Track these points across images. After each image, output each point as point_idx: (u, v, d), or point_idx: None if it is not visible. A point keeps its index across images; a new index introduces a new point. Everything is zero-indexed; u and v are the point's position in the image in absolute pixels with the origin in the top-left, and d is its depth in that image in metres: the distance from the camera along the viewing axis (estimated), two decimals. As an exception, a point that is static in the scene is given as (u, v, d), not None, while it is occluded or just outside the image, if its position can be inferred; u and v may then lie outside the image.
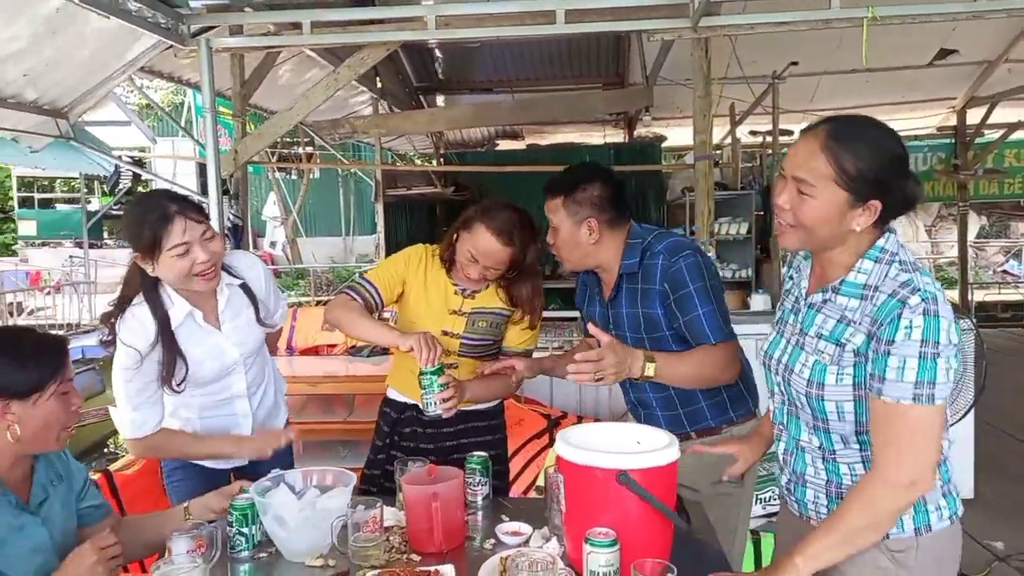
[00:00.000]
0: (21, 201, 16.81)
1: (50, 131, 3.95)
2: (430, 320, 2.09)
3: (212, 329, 1.97)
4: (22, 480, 1.54)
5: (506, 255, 2.01)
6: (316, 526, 1.62)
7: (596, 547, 1.38)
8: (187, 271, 1.83)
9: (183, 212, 1.81)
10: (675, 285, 1.89)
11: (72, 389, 1.56)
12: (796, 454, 1.53)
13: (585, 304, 2.18)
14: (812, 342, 1.43)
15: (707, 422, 2.02)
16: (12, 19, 3.14)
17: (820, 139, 1.35)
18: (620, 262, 1.98)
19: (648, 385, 2.01)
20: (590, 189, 1.95)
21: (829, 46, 5.96)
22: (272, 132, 4.26)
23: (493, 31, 3.85)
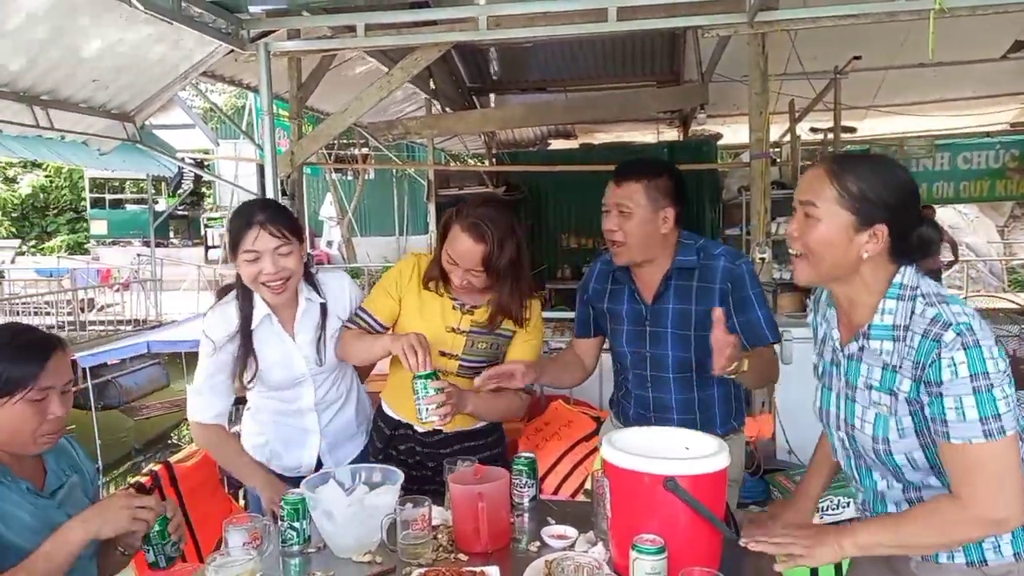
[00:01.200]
0: (93, 202, 17.58)
1: (118, 134, 4.12)
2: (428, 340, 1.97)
3: (286, 337, 2.03)
4: (34, 469, 1.55)
5: (479, 253, 1.88)
6: (363, 523, 1.64)
7: (643, 554, 1.36)
8: (253, 277, 1.92)
9: (264, 223, 1.89)
10: (737, 286, 1.93)
11: (53, 396, 1.48)
12: (878, 501, 1.47)
13: (605, 300, 2.09)
14: (864, 395, 1.41)
15: (716, 430, 1.98)
16: (86, 28, 3.28)
17: (825, 165, 1.39)
18: (673, 258, 1.96)
19: (674, 386, 2.01)
20: (668, 180, 1.95)
21: (894, 39, 5.74)
22: (327, 133, 4.34)
23: (544, 30, 3.83)
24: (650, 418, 2.04)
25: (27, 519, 1.47)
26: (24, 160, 16.07)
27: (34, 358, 1.46)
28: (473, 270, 1.90)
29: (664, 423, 2.00)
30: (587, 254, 10.38)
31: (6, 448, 1.49)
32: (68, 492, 1.59)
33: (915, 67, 6.68)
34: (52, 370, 1.48)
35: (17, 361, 1.45)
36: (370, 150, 9.12)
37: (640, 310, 2.02)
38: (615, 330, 2.09)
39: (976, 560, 1.37)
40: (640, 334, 2.02)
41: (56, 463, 1.60)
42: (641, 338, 2.02)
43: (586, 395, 4.00)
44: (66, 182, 19.14)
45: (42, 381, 1.46)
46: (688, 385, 2.00)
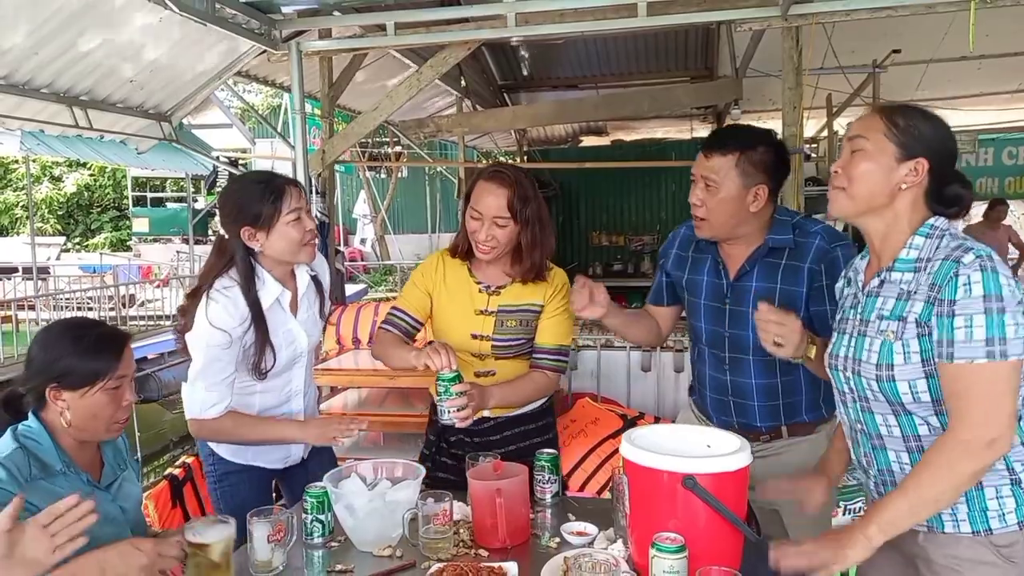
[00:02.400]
0: (135, 200, 17.98)
1: (154, 134, 4.21)
2: (458, 325, 2.03)
3: (290, 315, 2.03)
4: (92, 461, 1.62)
5: (503, 197, 1.90)
6: (384, 517, 1.65)
7: (662, 552, 1.34)
8: (299, 239, 1.90)
9: (291, 183, 1.94)
10: (832, 271, 1.78)
11: (126, 385, 1.59)
12: (876, 452, 1.50)
13: (686, 271, 2.00)
14: (874, 325, 1.44)
15: (802, 417, 1.92)
16: (119, 29, 3.36)
17: (875, 109, 1.49)
18: (766, 235, 1.84)
19: (754, 370, 1.89)
20: (767, 153, 1.80)
21: (935, 32, 5.59)
22: (357, 132, 4.38)
23: (573, 26, 3.81)
24: (728, 403, 1.94)
25: None
26: (68, 159, 16.55)
27: (112, 350, 1.57)
28: (498, 218, 1.91)
29: (743, 409, 1.93)
30: (618, 251, 10.33)
31: (82, 435, 1.57)
32: (120, 486, 1.66)
33: (957, 60, 6.50)
34: (126, 360, 1.59)
35: (97, 354, 1.55)
36: (403, 149, 9.19)
37: (721, 286, 1.91)
38: (692, 303, 1.99)
39: (982, 529, 1.38)
40: (719, 312, 1.92)
41: (113, 457, 1.68)
42: (720, 316, 1.92)
43: (613, 393, 3.99)
44: (110, 181, 19.64)
45: (119, 370, 1.56)
46: (770, 369, 1.87)
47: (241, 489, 2.05)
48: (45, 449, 1.51)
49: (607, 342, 4.12)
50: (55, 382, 1.52)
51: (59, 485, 1.49)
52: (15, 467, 1.44)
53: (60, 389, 1.52)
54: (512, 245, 1.98)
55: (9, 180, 19.09)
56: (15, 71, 3.30)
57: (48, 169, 19.33)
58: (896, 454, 1.46)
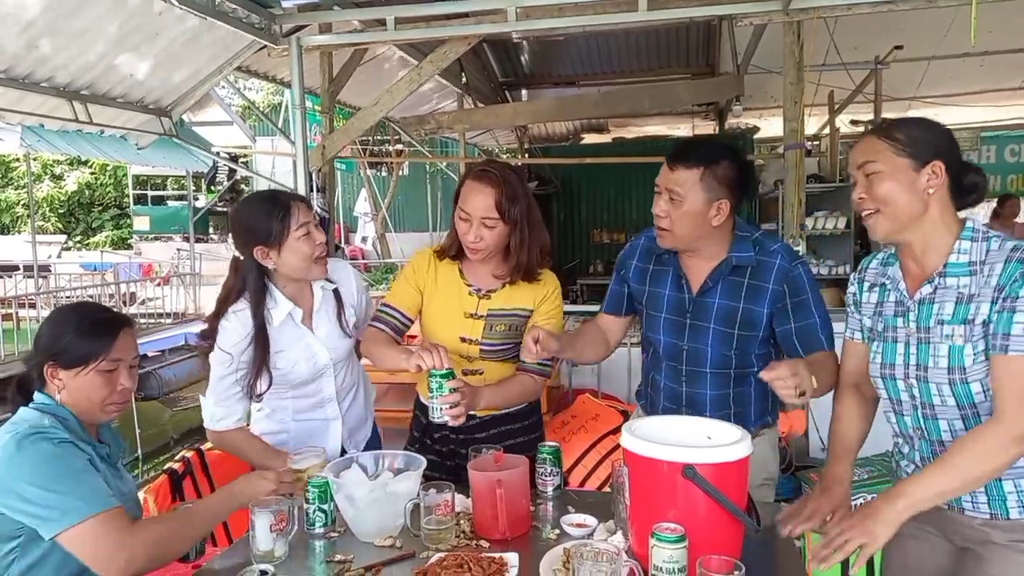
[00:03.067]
0: (136, 198, 18.00)
1: (154, 129, 4.20)
2: (447, 326, 2.02)
3: (306, 330, 2.03)
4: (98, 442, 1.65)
5: (491, 197, 1.88)
6: (385, 508, 1.65)
7: (662, 542, 1.34)
8: (310, 254, 1.92)
9: (297, 199, 1.97)
10: (794, 289, 1.83)
11: (122, 369, 1.61)
12: (927, 425, 1.51)
13: (647, 282, 2.00)
14: (937, 331, 1.45)
15: (749, 426, 1.92)
16: (119, 23, 3.35)
17: (870, 132, 1.52)
18: (729, 252, 1.86)
19: (710, 382, 1.91)
20: (730, 168, 1.81)
21: (938, 28, 5.58)
22: (357, 127, 4.37)
23: (573, 20, 3.80)
24: (680, 413, 1.94)
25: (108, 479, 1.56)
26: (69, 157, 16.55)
27: (108, 332, 1.60)
28: (486, 219, 1.89)
29: None
30: (619, 249, 10.26)
31: (80, 414, 1.59)
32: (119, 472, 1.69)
33: (959, 57, 6.49)
34: (121, 344, 1.61)
35: (94, 335, 1.58)
36: (404, 147, 9.19)
37: (683, 300, 1.92)
38: (652, 316, 1.99)
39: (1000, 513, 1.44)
40: (679, 325, 1.93)
41: (113, 441, 1.71)
42: (680, 329, 1.93)
43: (614, 389, 3.98)
44: (111, 179, 19.66)
45: (113, 353, 1.59)
46: (724, 381, 1.92)
47: None
48: (73, 423, 1.56)
49: (608, 338, 4.11)
50: (52, 359, 1.57)
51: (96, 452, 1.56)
52: (72, 427, 1.53)
53: (56, 367, 1.56)
54: (502, 245, 1.96)
55: (10, 178, 19.11)
56: (15, 65, 3.30)
57: (49, 167, 19.35)
58: (952, 435, 1.48)
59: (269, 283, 1.97)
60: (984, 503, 1.47)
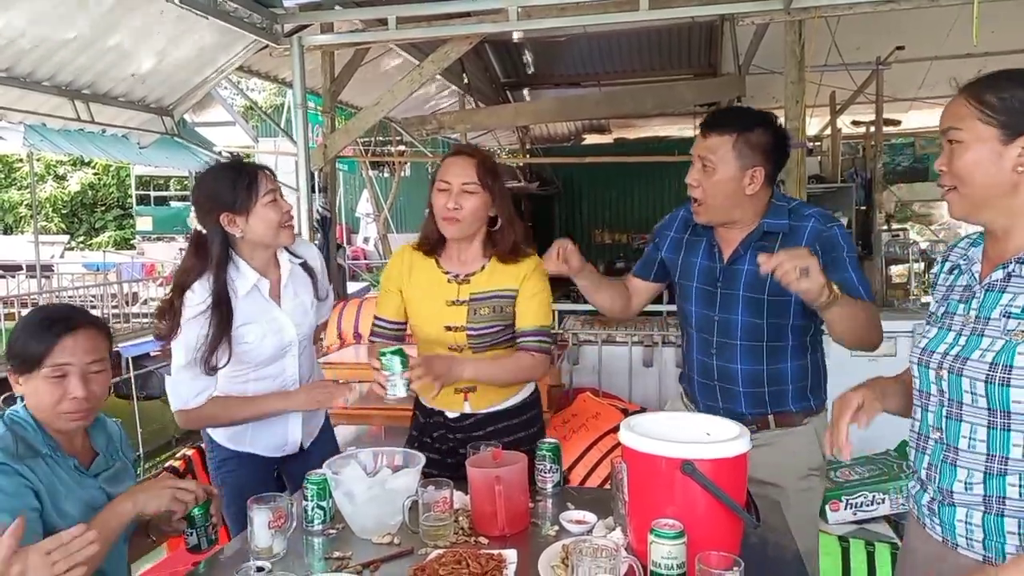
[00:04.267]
0: (139, 199, 18.04)
1: (156, 128, 4.21)
2: (431, 318, 2.01)
3: (273, 304, 2.03)
4: (81, 448, 1.61)
5: (471, 163, 1.92)
6: (383, 504, 1.65)
7: (660, 538, 1.34)
8: (278, 220, 1.94)
9: (261, 168, 1.98)
10: (828, 247, 1.77)
11: (71, 374, 1.50)
12: (944, 468, 1.34)
13: (682, 252, 1.99)
14: (997, 324, 1.26)
15: (788, 406, 1.90)
16: (121, 22, 3.36)
17: (961, 92, 1.31)
18: (761, 219, 1.83)
19: (741, 355, 1.88)
20: (764, 135, 1.78)
21: (940, 28, 5.57)
22: (358, 127, 4.38)
23: (575, 20, 3.80)
24: (714, 387, 1.93)
25: (74, 494, 1.52)
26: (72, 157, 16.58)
27: (48, 335, 1.50)
28: (466, 184, 1.90)
29: (729, 395, 1.92)
30: (621, 249, 10.33)
31: (45, 421, 1.54)
32: (114, 475, 1.65)
33: (963, 57, 6.47)
34: (67, 348, 1.50)
35: (32, 337, 1.51)
36: (406, 147, 9.19)
37: (714, 269, 1.90)
38: (684, 286, 1.97)
39: None
40: (710, 295, 1.91)
41: (106, 447, 1.66)
42: (711, 300, 1.90)
43: (615, 388, 3.98)
44: (114, 180, 19.69)
45: (55, 358, 1.49)
46: (757, 355, 1.86)
47: (241, 474, 2.06)
48: (30, 432, 1.51)
49: (608, 337, 4.12)
50: (9, 365, 1.53)
51: (45, 466, 1.49)
52: (3, 448, 1.45)
53: (14, 373, 1.53)
54: (480, 223, 1.96)
55: (13, 179, 19.14)
56: (17, 63, 3.31)
57: (52, 168, 19.38)
58: (968, 473, 1.29)
59: (234, 253, 1.95)
60: (979, 541, 1.29)
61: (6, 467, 1.41)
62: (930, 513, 1.38)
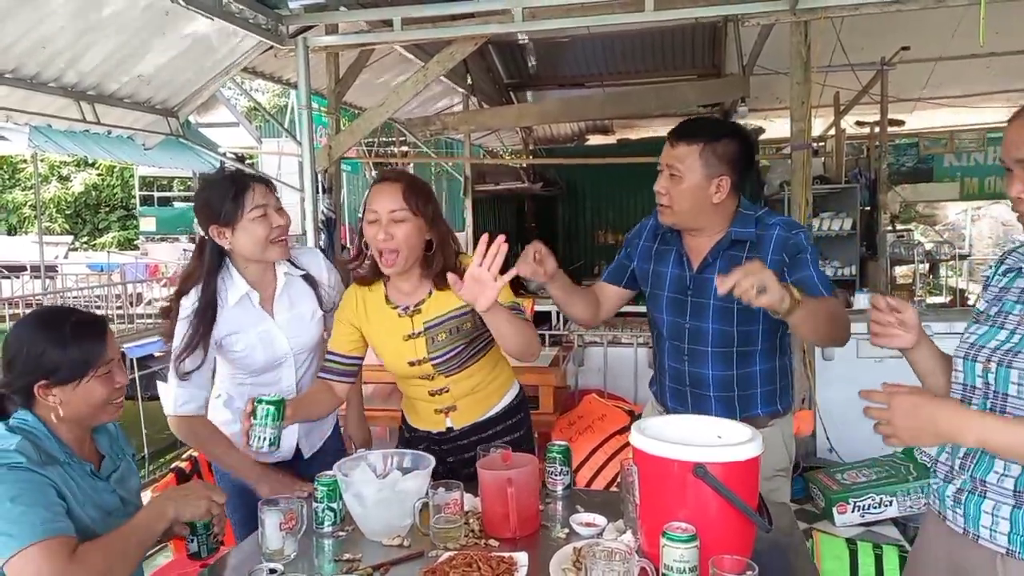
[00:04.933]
0: (143, 199, 18.06)
1: (161, 129, 4.21)
2: (393, 357, 1.95)
3: (265, 315, 1.99)
4: (89, 452, 1.61)
5: (397, 189, 1.81)
6: (393, 507, 1.64)
7: (672, 541, 1.33)
8: (265, 236, 1.90)
9: (257, 180, 1.94)
10: (792, 251, 1.82)
11: (115, 367, 1.57)
12: (979, 460, 1.34)
13: (652, 262, 2.00)
14: None
15: (756, 410, 1.93)
16: (126, 23, 3.36)
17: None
18: (728, 228, 1.86)
19: (712, 361, 1.90)
20: (731, 145, 1.81)
21: (945, 29, 5.56)
22: (363, 128, 4.37)
23: (579, 21, 3.80)
24: (685, 393, 1.96)
25: (90, 500, 1.52)
26: (76, 158, 16.61)
27: (94, 336, 1.55)
28: (394, 212, 1.80)
29: (700, 400, 1.93)
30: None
31: (79, 423, 1.55)
32: (121, 475, 1.65)
33: (967, 58, 6.46)
34: (111, 343, 1.57)
35: (82, 342, 1.52)
36: (410, 148, 9.20)
37: (684, 277, 1.92)
38: (654, 295, 1.99)
39: None
40: (680, 304, 1.93)
41: (110, 448, 1.67)
42: (681, 308, 1.93)
43: (620, 390, 3.98)
44: (118, 180, 19.72)
45: (108, 355, 1.55)
46: (727, 361, 1.90)
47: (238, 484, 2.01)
48: (44, 440, 1.50)
49: (614, 339, 4.11)
50: (44, 379, 1.49)
51: (65, 474, 1.48)
52: (30, 452, 1.44)
53: (50, 386, 1.49)
54: (418, 251, 1.86)
55: (17, 180, 19.18)
56: (23, 65, 3.31)
57: (56, 169, 19.42)
58: (1004, 466, 1.30)
59: (228, 262, 1.95)
60: (1004, 533, 1.29)
61: (32, 472, 1.41)
62: (954, 504, 1.38)
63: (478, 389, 2.00)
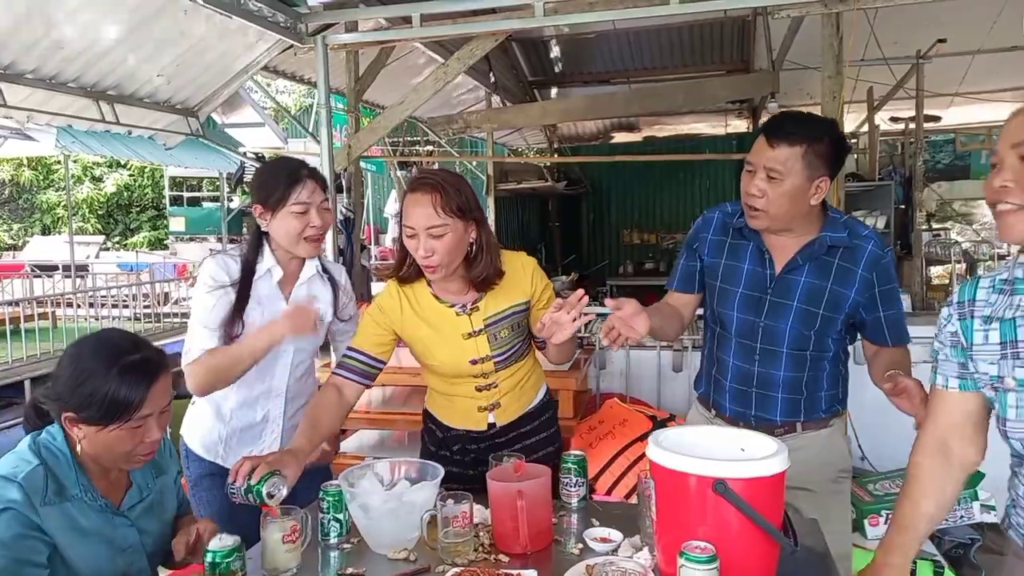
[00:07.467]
0: (172, 199, 18.29)
1: (182, 129, 4.21)
2: (451, 356, 1.88)
3: (280, 296, 2.01)
4: (116, 480, 1.53)
5: (429, 203, 1.72)
6: (400, 518, 1.58)
7: (691, 562, 1.25)
8: (299, 231, 1.94)
9: (312, 177, 1.97)
10: (884, 277, 1.81)
11: (152, 420, 1.44)
12: None
13: (724, 255, 1.90)
14: None
15: (819, 413, 1.89)
16: (146, 22, 3.35)
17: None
18: (821, 232, 1.81)
19: (785, 362, 1.84)
20: (832, 144, 1.75)
21: (983, 20, 5.37)
22: (383, 126, 4.33)
23: (602, 15, 3.70)
24: (749, 394, 1.88)
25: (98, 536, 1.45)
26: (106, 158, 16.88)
27: (142, 384, 1.41)
28: (431, 228, 1.72)
29: (765, 401, 1.87)
30: (650, 249, 10.19)
31: (105, 464, 1.46)
32: (149, 505, 1.57)
33: (1006, 51, 6.24)
34: (153, 397, 1.42)
35: (126, 387, 1.39)
36: (435, 147, 9.18)
37: (764, 276, 1.84)
38: (725, 290, 1.89)
39: None
40: (758, 302, 1.85)
41: (143, 475, 1.58)
42: (758, 306, 1.84)
43: (643, 393, 3.88)
44: (148, 181, 20.01)
45: (143, 410, 1.41)
46: (800, 363, 1.84)
47: (216, 494, 1.97)
48: (64, 468, 1.42)
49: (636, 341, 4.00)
50: (72, 412, 1.39)
51: (72, 510, 1.41)
52: (32, 489, 1.36)
53: (76, 420, 1.40)
54: (459, 257, 1.80)
55: (51, 180, 19.56)
56: (43, 64, 3.31)
57: (89, 170, 19.76)
58: None
59: (264, 240, 2.00)
60: None
61: (22, 516, 1.32)
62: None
63: (521, 384, 1.97)
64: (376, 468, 1.72)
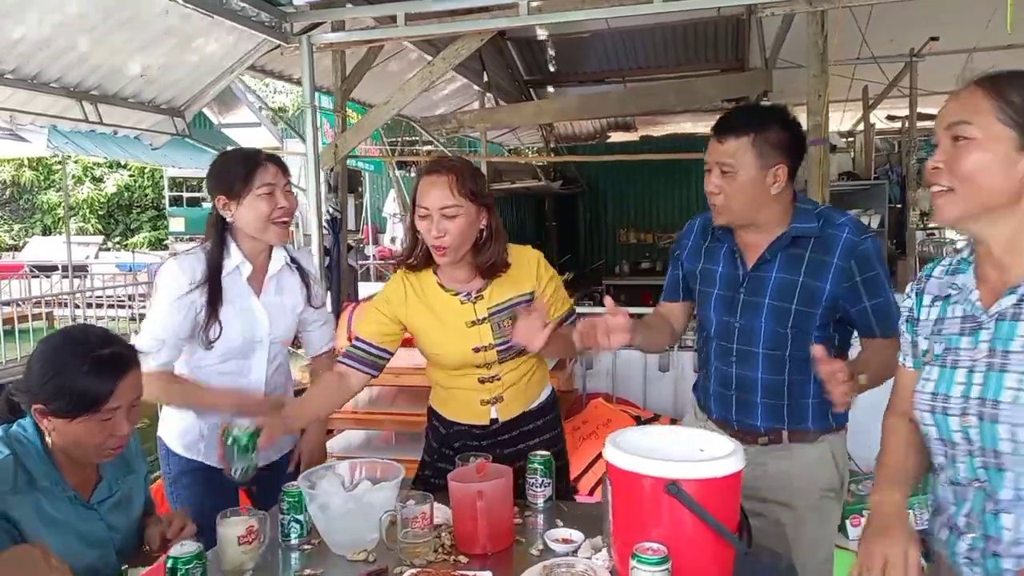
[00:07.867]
0: (172, 200, 18.33)
1: (167, 129, 4.20)
2: (454, 344, 1.88)
3: (250, 291, 2.00)
4: (87, 475, 1.52)
5: (448, 182, 1.75)
6: (359, 519, 1.57)
7: (642, 563, 1.24)
8: (267, 215, 1.92)
9: (271, 160, 1.97)
10: (864, 265, 1.70)
11: (121, 414, 1.44)
12: (988, 516, 1.20)
13: (700, 259, 1.90)
14: (1020, 357, 1.14)
15: (806, 424, 1.80)
16: (128, 21, 3.34)
17: (976, 83, 1.19)
18: (789, 224, 1.75)
19: (762, 364, 1.78)
20: (781, 131, 1.71)
21: (978, 18, 5.33)
22: (369, 125, 4.31)
23: (588, 14, 3.68)
24: (730, 397, 1.84)
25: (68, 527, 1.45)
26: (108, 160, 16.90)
27: (110, 377, 1.42)
28: (446, 208, 1.75)
29: (745, 406, 1.82)
30: (647, 249, 10.18)
31: (75, 456, 1.47)
32: (117, 501, 1.57)
33: (1003, 49, 6.20)
34: (122, 390, 1.44)
35: (94, 380, 1.41)
36: (433, 147, 9.17)
37: (736, 275, 1.82)
38: (704, 294, 1.89)
39: None
40: (731, 301, 1.82)
41: (113, 470, 1.58)
42: (732, 306, 1.82)
43: (628, 393, 3.87)
44: (149, 181, 20.04)
45: (111, 403, 1.42)
46: (779, 365, 1.78)
47: (197, 491, 1.98)
48: (34, 459, 1.42)
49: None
50: (41, 403, 1.41)
51: (42, 500, 1.41)
52: (5, 474, 1.37)
53: (45, 412, 1.41)
54: (470, 241, 1.82)
55: (52, 181, 19.60)
56: (24, 64, 3.31)
57: (89, 170, 19.80)
58: (1018, 520, 1.16)
59: (228, 236, 1.97)
60: None
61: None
62: (968, 563, 1.24)
63: (525, 379, 1.96)
64: (337, 469, 1.71)
